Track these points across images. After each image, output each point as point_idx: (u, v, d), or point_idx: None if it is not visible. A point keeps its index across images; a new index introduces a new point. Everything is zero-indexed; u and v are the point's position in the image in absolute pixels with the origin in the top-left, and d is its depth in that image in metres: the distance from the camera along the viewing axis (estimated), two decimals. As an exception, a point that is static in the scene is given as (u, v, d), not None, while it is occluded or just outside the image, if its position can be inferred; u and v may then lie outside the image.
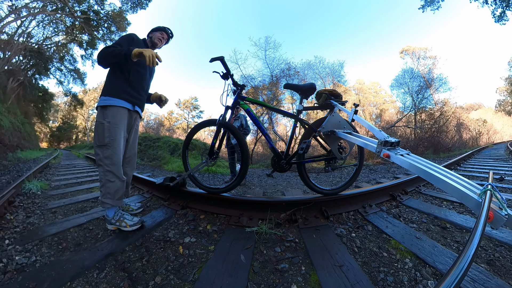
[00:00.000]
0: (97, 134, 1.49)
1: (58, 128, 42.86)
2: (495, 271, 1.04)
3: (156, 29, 1.82)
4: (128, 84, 1.57)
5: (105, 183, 1.50)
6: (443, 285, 0.44)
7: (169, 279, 1.02)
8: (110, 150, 1.48)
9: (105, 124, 1.47)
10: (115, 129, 1.49)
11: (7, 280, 1.00)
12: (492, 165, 4.80)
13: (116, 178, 1.51)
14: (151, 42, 1.79)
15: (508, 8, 9.58)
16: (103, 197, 1.52)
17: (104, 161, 1.48)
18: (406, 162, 1.07)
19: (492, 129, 26.96)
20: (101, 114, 1.50)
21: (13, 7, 14.54)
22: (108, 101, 1.50)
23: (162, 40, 1.81)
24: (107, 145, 1.47)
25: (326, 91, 1.76)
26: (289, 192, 2.79)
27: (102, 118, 1.48)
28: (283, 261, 1.15)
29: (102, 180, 1.51)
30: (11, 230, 1.51)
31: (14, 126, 12.33)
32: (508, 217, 0.70)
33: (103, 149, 1.48)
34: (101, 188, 1.52)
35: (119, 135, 1.52)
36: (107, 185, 1.50)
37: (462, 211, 1.80)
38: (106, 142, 1.46)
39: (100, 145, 1.48)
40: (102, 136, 1.46)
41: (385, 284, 0.97)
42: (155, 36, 1.78)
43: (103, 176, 1.50)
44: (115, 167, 1.50)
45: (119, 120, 1.52)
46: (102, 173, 1.50)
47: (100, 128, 1.47)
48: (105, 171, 1.49)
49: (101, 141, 1.47)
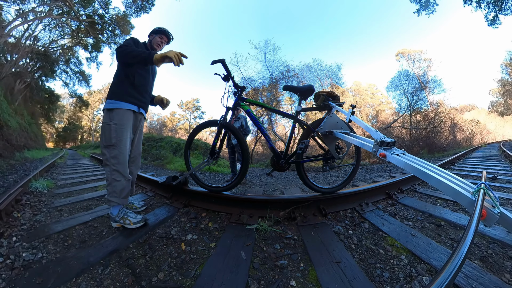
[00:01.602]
0: (104, 135, 1.50)
1: (64, 129, 42.85)
2: (488, 268, 1.04)
3: (156, 32, 1.75)
4: (133, 88, 1.57)
5: (111, 182, 1.51)
6: (438, 281, 0.44)
7: (171, 275, 1.02)
8: (117, 150, 1.49)
9: (112, 126, 1.48)
10: (121, 130, 1.51)
11: (14, 276, 1.00)
12: (485, 165, 4.80)
13: (122, 177, 1.52)
14: (151, 47, 1.75)
15: (500, 12, 9.57)
16: (109, 195, 1.52)
17: (111, 161, 1.49)
18: (402, 162, 1.07)
19: (485, 130, 26.98)
20: (108, 116, 1.51)
21: (20, 11, 14.53)
22: (115, 105, 1.51)
23: (161, 44, 1.77)
24: (114, 145, 1.48)
25: (324, 93, 1.76)
26: (288, 190, 2.79)
27: (109, 120, 1.49)
28: (282, 257, 1.15)
29: (109, 179, 1.51)
30: (18, 228, 1.51)
31: (21, 126, 12.33)
32: (500, 215, 0.70)
33: (110, 149, 1.48)
34: (108, 186, 1.53)
35: (125, 136, 1.53)
36: (114, 184, 1.50)
37: (456, 209, 1.80)
38: (113, 143, 1.48)
39: (107, 145, 1.49)
40: (109, 137, 1.48)
41: (382, 280, 0.97)
42: (154, 41, 1.74)
43: (110, 175, 1.51)
44: (122, 166, 1.51)
45: (125, 122, 1.53)
46: (109, 172, 1.51)
47: (107, 130, 1.48)
48: (111, 171, 1.50)
49: (108, 141, 1.48)
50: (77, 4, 15.59)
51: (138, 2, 15.98)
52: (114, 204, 1.52)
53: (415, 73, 18.21)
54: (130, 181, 1.60)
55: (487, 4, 9.70)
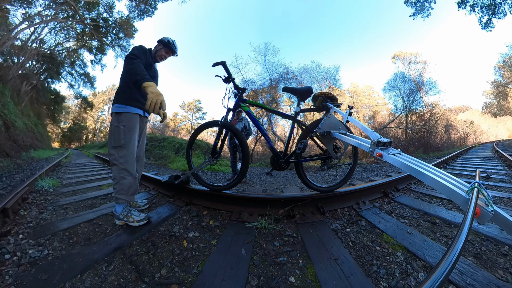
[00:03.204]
0: (112, 137, 1.53)
1: (69, 129, 42.83)
2: (482, 264, 1.04)
3: (164, 44, 1.72)
4: (139, 93, 1.59)
5: (119, 180, 1.52)
6: (433, 277, 0.44)
7: (174, 272, 1.02)
8: (125, 150, 1.52)
9: (121, 128, 1.52)
10: (130, 132, 1.54)
11: (21, 273, 1.00)
12: (479, 164, 4.80)
13: (130, 175, 1.55)
14: (154, 55, 1.73)
15: (493, 16, 9.56)
16: (117, 193, 1.53)
17: (119, 160, 1.52)
18: (398, 161, 1.06)
19: (479, 130, 26.96)
20: (116, 119, 1.54)
21: (26, 14, 14.53)
22: (123, 109, 1.55)
23: (164, 58, 1.77)
24: (123, 146, 1.51)
25: (322, 94, 1.76)
26: (287, 189, 2.79)
27: (117, 122, 1.53)
28: (282, 254, 1.15)
29: (117, 177, 1.53)
30: (25, 225, 1.51)
31: (28, 127, 12.32)
32: (494, 213, 0.70)
33: (118, 149, 1.52)
34: (115, 185, 1.54)
35: (133, 137, 1.57)
36: (121, 182, 1.52)
37: (450, 207, 1.80)
38: (122, 144, 1.51)
39: (116, 146, 1.52)
40: (118, 138, 1.51)
41: (378, 276, 0.97)
42: (159, 53, 1.72)
43: (118, 174, 1.53)
44: (129, 165, 1.54)
45: (133, 125, 1.57)
46: (117, 171, 1.53)
47: (116, 131, 1.52)
48: (120, 169, 1.52)
49: (117, 142, 1.51)
50: (82, 8, 15.59)
51: (141, 6, 15.99)
52: (122, 201, 1.53)
53: (411, 75, 18.21)
54: (136, 179, 1.63)
55: (480, 8, 9.70)
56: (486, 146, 14.19)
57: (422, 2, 11.57)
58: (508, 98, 30.91)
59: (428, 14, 11.84)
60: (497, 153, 7.10)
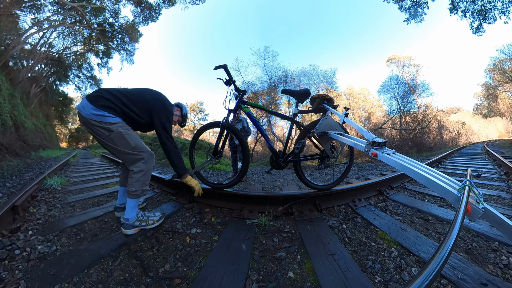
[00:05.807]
0: (121, 144, 1.37)
1: (76, 130, 42.79)
2: (473, 259, 1.04)
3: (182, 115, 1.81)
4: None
5: (146, 171, 1.41)
6: (426, 272, 0.44)
7: (177, 267, 1.02)
8: (141, 147, 1.42)
9: (123, 132, 1.37)
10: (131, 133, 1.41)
11: (30, 268, 1.00)
12: (470, 163, 4.80)
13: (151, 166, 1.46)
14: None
15: (484, 21, 9.57)
16: (143, 185, 1.40)
17: (141, 155, 1.40)
18: (392, 161, 1.07)
19: (470, 131, 26.98)
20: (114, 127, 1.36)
21: (35, 19, 14.53)
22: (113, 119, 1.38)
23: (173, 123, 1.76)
24: (136, 146, 1.39)
25: (320, 96, 1.76)
26: (286, 187, 2.79)
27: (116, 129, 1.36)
28: (281, 250, 1.15)
29: (144, 169, 1.40)
30: (34, 222, 1.51)
31: (37, 127, 12.32)
32: (484, 210, 0.70)
33: (135, 150, 1.39)
34: (141, 177, 1.39)
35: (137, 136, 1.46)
36: (148, 174, 1.42)
37: (442, 205, 1.80)
38: (133, 146, 1.38)
39: (130, 149, 1.38)
40: (127, 143, 1.37)
41: (373, 271, 0.97)
42: (174, 118, 1.75)
43: (144, 166, 1.40)
44: (149, 156, 1.45)
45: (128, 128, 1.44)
46: (143, 164, 1.40)
47: (120, 137, 1.36)
48: (146, 162, 1.41)
49: (128, 146, 1.38)
50: (89, 13, 15.60)
51: (146, 11, 16.00)
52: (146, 193, 1.42)
53: (405, 78, 18.25)
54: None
55: (471, 13, 9.70)
56: (477, 146, 14.19)
57: (416, 8, 11.58)
58: (498, 100, 30.90)
59: (422, 19, 11.85)
60: (488, 153, 7.11)
